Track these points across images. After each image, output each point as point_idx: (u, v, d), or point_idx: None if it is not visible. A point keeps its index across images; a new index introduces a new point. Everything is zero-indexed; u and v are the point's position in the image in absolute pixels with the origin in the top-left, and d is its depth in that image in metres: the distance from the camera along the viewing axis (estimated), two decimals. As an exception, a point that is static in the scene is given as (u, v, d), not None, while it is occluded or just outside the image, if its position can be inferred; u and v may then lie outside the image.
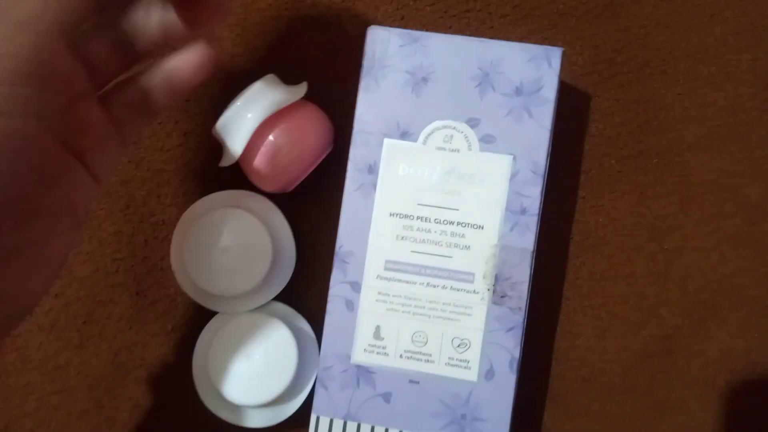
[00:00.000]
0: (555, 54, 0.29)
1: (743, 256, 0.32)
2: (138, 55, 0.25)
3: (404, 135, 0.30)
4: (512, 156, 0.29)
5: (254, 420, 0.31)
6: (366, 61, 0.30)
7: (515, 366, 0.29)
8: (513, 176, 0.29)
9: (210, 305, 0.31)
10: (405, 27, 0.32)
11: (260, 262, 0.30)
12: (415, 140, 0.30)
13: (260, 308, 0.31)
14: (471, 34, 0.33)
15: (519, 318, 0.29)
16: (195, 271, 0.30)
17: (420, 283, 0.29)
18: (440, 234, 0.29)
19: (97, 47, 0.24)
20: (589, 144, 0.33)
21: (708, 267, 0.32)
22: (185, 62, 0.25)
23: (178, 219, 0.33)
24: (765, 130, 0.32)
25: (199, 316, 0.33)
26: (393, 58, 0.30)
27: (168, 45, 0.25)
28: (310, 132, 0.30)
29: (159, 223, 0.33)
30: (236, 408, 0.30)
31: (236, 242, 0.30)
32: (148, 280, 0.33)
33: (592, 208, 0.33)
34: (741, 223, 0.32)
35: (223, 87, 0.34)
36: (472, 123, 0.29)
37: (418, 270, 0.29)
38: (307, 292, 0.33)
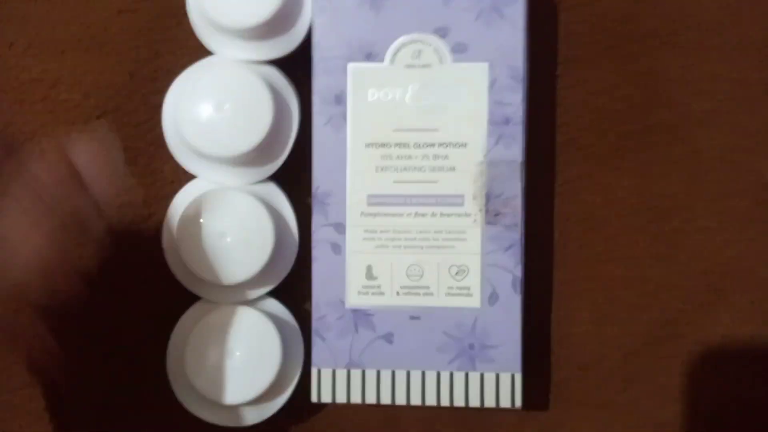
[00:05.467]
0: (519, -55, 0.27)
1: (751, 237, 0.30)
2: None
3: (369, 56, 0.27)
4: (488, 63, 0.27)
5: (234, 418, 0.29)
6: (317, -17, 0.27)
7: (518, 286, 0.27)
8: (491, 85, 0.27)
9: (200, 292, 0.29)
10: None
11: (260, 251, 0.27)
12: (382, 60, 0.27)
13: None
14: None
15: (516, 235, 0.27)
16: (188, 257, 0.28)
17: (407, 214, 0.27)
18: (422, 159, 0.27)
19: None
20: (591, 118, 0.30)
21: (714, 249, 0.30)
22: None
23: (144, 200, 0.30)
24: (776, 104, 0.30)
25: (175, 304, 0.30)
26: (345, -25, 0.27)
27: None
28: None
29: (124, 205, 0.31)
30: (215, 406, 0.29)
31: (236, 227, 0.27)
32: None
33: (593, 187, 0.30)
34: (749, 202, 0.30)
35: (191, 54, 0.31)
36: (441, 33, 0.27)
37: (404, 200, 0.27)
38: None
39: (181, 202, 0.29)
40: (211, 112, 0.27)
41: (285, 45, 0.28)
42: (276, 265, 0.28)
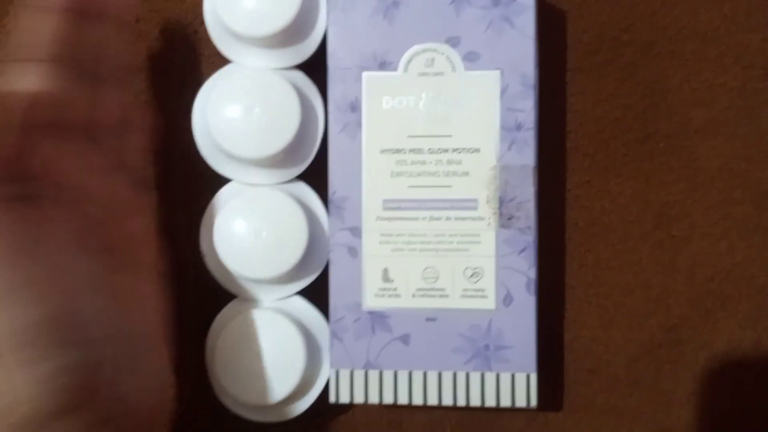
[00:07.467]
0: (529, -44, 0.27)
1: (753, 244, 0.30)
2: None
3: (383, 65, 0.28)
4: (499, 71, 0.28)
5: (259, 415, 0.29)
6: (331, -6, 0.28)
7: (533, 288, 0.28)
8: (503, 92, 0.28)
9: (235, 290, 0.30)
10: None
11: (295, 244, 0.28)
12: (395, 69, 0.28)
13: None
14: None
15: (529, 238, 0.28)
16: (226, 253, 0.28)
17: (422, 218, 0.28)
18: (436, 164, 0.28)
19: None
20: (594, 127, 0.31)
21: (716, 255, 0.31)
22: None
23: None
24: (776, 113, 0.31)
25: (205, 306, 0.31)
26: (359, -13, 0.28)
27: None
28: None
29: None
30: (241, 404, 0.29)
31: (271, 223, 0.28)
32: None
33: (598, 194, 0.31)
34: (751, 210, 0.30)
35: (206, 62, 0.32)
36: (453, 42, 0.28)
37: (419, 205, 0.28)
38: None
39: (216, 203, 0.30)
40: (241, 115, 0.28)
41: (300, 53, 0.29)
42: (311, 260, 0.29)
